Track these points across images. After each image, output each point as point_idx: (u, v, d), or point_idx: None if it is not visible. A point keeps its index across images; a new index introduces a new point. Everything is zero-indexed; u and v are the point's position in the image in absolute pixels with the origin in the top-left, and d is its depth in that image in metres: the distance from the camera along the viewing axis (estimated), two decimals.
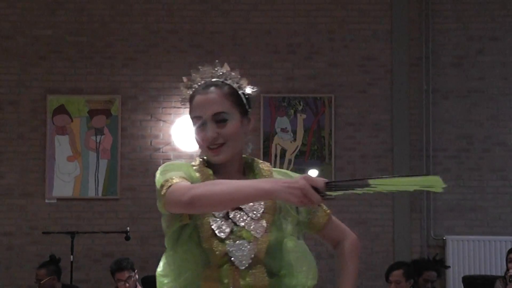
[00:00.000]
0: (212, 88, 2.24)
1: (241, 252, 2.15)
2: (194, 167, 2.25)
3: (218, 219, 2.17)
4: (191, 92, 2.31)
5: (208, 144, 2.21)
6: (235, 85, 2.27)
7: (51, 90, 8.11)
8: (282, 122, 8.09)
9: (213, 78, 2.29)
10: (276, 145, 8.06)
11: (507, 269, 6.07)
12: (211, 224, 2.16)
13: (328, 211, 2.41)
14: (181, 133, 7.89)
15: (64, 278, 6.85)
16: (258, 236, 2.17)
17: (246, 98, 2.28)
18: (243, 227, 2.18)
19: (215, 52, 8.20)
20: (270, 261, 2.19)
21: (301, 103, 8.11)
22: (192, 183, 2.13)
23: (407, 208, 7.96)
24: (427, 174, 2.10)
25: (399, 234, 7.97)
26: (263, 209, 2.22)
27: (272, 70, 8.22)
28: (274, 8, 8.27)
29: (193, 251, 2.16)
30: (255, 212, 2.20)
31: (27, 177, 8.00)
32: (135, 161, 8.05)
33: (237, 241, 2.16)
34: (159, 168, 2.20)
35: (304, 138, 8.06)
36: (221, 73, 2.29)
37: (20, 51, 8.19)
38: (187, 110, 2.32)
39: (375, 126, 8.19)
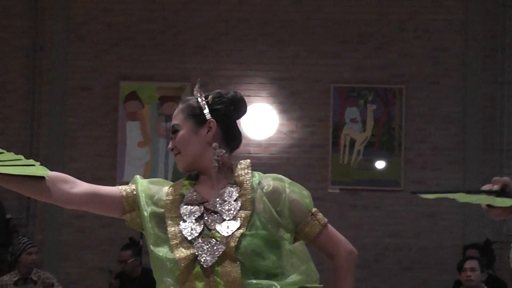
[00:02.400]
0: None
1: (208, 251, 2.24)
2: (176, 183, 2.41)
3: (189, 223, 2.29)
4: None
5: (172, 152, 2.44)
6: (194, 98, 2.46)
7: (123, 77, 8.24)
8: (352, 112, 8.03)
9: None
10: (345, 135, 8.00)
11: None
12: (181, 229, 2.28)
13: (323, 221, 2.38)
14: (250, 121, 7.91)
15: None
16: (226, 235, 2.25)
17: (210, 107, 2.41)
18: (214, 229, 2.27)
19: (285, 41, 8.18)
20: (251, 259, 2.24)
21: (372, 94, 8.02)
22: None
23: None
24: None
25: (470, 229, 7.82)
26: (237, 209, 2.29)
27: (342, 60, 8.15)
28: None
29: (162, 261, 2.27)
30: (230, 212, 2.29)
31: (98, 161, 8.15)
32: None
33: (206, 241, 2.25)
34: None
35: (373, 129, 7.98)
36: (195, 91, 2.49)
37: (94, 37, 8.33)
38: (256, 98, 2.48)
39: (447, 118, 8.05)
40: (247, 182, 2.34)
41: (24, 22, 8.40)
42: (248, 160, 2.43)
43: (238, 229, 2.25)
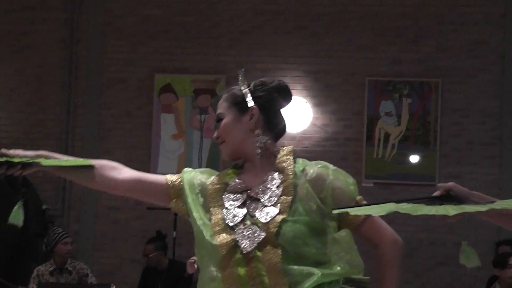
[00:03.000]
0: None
1: (248, 238, 2.24)
2: (221, 172, 2.45)
3: (232, 210, 2.30)
4: None
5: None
6: (238, 87, 2.49)
7: (158, 69, 8.28)
8: (387, 106, 7.97)
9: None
10: (379, 129, 7.95)
11: None
12: (224, 216, 2.30)
13: None
14: (284, 114, 7.89)
15: (167, 253, 7.01)
16: (264, 221, 2.25)
17: (252, 95, 2.44)
18: (255, 216, 2.28)
19: (320, 34, 8.15)
20: (293, 245, 2.22)
21: (407, 87, 7.96)
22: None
23: None
24: None
25: None
26: (278, 195, 2.29)
27: (377, 53, 8.09)
28: None
29: (206, 247, 2.29)
30: (271, 198, 2.28)
31: (133, 154, 8.20)
32: None
33: (247, 228, 2.26)
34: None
35: (408, 123, 7.92)
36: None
37: (130, 30, 8.38)
38: (292, 92, 2.55)
39: (483, 112, 7.95)
40: (289, 168, 2.33)
41: (61, 15, 8.48)
42: (291, 146, 2.43)
43: (277, 214, 2.25)
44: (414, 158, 7.89)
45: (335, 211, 2.11)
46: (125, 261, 8.13)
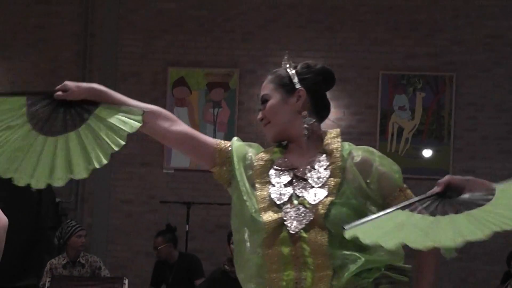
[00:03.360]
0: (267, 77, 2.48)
1: (296, 218, 2.22)
2: (267, 149, 2.42)
3: (278, 188, 2.28)
4: None
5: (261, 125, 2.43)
6: (283, 69, 2.45)
7: (172, 63, 8.28)
8: (401, 100, 7.93)
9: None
10: (393, 123, 7.92)
11: None
12: (270, 193, 2.27)
13: (411, 197, 2.29)
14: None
15: (179, 247, 7.03)
16: (313, 203, 2.23)
17: (299, 77, 2.41)
18: (302, 196, 2.26)
19: (335, 28, 8.12)
20: (339, 229, 2.13)
21: (421, 81, 7.92)
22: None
23: None
24: None
25: None
26: (327, 177, 2.28)
27: (392, 47, 8.06)
28: None
29: (248, 220, 2.27)
30: (320, 180, 2.27)
31: (146, 147, 8.21)
32: (252, 135, 8.09)
33: (294, 207, 2.24)
34: None
35: (422, 117, 7.88)
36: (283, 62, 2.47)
37: (144, 24, 8.38)
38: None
39: (499, 107, 7.90)
40: (337, 150, 2.34)
41: (75, 9, 8.49)
42: (338, 129, 2.46)
43: (326, 196, 2.23)
44: (427, 153, 7.86)
45: (346, 228, 2.03)
46: (138, 255, 8.15)
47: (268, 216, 2.24)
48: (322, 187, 2.25)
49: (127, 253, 8.19)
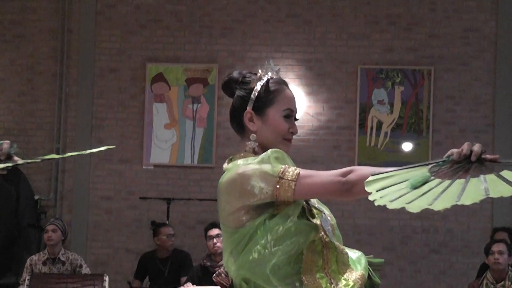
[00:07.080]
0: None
1: (327, 225, 2.29)
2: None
3: None
4: (271, 83, 2.48)
5: (291, 136, 2.48)
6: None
7: (150, 58, 8.25)
8: (379, 94, 7.96)
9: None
10: (372, 117, 7.95)
11: None
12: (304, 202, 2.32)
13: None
14: None
15: None
16: (328, 211, 2.34)
17: None
18: (314, 204, 2.34)
19: (313, 22, 8.13)
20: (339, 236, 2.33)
21: (399, 75, 7.95)
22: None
23: None
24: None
25: (498, 211, 7.75)
26: None
27: (370, 42, 8.08)
28: None
29: (301, 226, 2.23)
30: None
31: (126, 143, 8.18)
32: (231, 130, 8.05)
33: (321, 216, 2.31)
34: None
35: (401, 110, 7.92)
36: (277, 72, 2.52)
37: (122, 19, 8.34)
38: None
39: (476, 100, 7.96)
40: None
41: (52, 4, 8.43)
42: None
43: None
44: (407, 146, 7.90)
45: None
46: (119, 251, 8.12)
47: (317, 221, 2.28)
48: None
49: (107, 249, 8.16)
